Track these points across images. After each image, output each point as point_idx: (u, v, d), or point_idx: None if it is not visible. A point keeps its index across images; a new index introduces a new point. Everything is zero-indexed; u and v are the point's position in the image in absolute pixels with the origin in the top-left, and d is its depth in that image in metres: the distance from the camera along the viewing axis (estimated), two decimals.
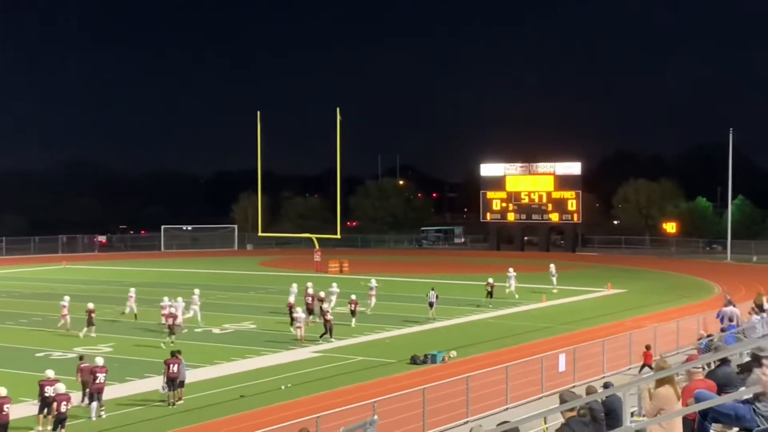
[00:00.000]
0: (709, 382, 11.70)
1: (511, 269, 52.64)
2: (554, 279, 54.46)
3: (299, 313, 37.31)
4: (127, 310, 42.55)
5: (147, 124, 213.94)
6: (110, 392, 26.36)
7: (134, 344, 36.15)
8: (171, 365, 26.19)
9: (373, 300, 45.62)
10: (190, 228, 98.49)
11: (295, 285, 46.00)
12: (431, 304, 43.29)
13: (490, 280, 48.95)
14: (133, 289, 43.92)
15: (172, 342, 35.25)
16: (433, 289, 44.22)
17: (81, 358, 27.39)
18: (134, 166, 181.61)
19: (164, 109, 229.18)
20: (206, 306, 46.39)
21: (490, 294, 48.32)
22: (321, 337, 36.68)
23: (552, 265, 55.73)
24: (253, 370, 31.13)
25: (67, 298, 40.67)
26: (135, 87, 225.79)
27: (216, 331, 39.46)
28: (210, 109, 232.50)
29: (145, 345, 35.91)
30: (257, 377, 29.93)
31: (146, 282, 60.39)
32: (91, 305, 38.59)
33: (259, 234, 77.56)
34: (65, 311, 39.20)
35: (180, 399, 26.35)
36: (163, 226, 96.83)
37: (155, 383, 27.50)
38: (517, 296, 50.55)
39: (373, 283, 46.73)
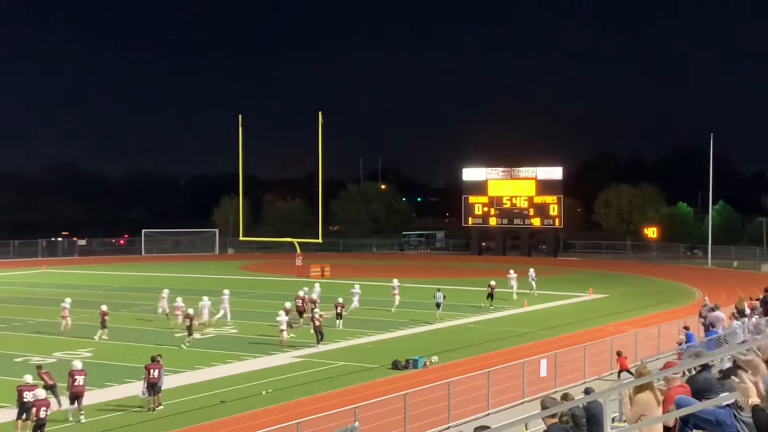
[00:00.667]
0: (687, 387, 11.71)
1: (512, 271, 53.53)
2: (533, 283, 54.63)
3: (282, 316, 37.20)
4: (160, 311, 42.71)
5: (127, 126, 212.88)
6: (90, 397, 26.15)
7: (114, 349, 35.90)
8: (151, 370, 26.07)
9: (397, 298, 47.12)
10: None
11: (317, 285, 48.58)
12: (438, 305, 43.88)
13: (492, 283, 49.40)
14: (166, 290, 44.65)
15: (189, 342, 36.32)
16: (439, 290, 44.80)
17: (39, 366, 26.79)
18: (114, 169, 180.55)
19: (145, 112, 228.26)
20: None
21: (490, 296, 48.62)
22: (319, 342, 36.41)
23: (531, 270, 55.87)
24: (233, 375, 30.98)
25: (68, 300, 40.70)
26: (116, 89, 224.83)
27: (196, 335, 39.21)
28: (191, 111, 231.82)
29: (125, 350, 35.65)
30: (238, 382, 29.79)
31: (128, 286, 60.13)
32: (104, 307, 38.85)
33: (240, 238, 77.29)
34: (66, 313, 39.17)
35: (159, 404, 26.20)
36: (144, 230, 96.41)
37: (135, 388, 27.32)
38: (515, 297, 51.41)
39: (395, 282, 47.87)
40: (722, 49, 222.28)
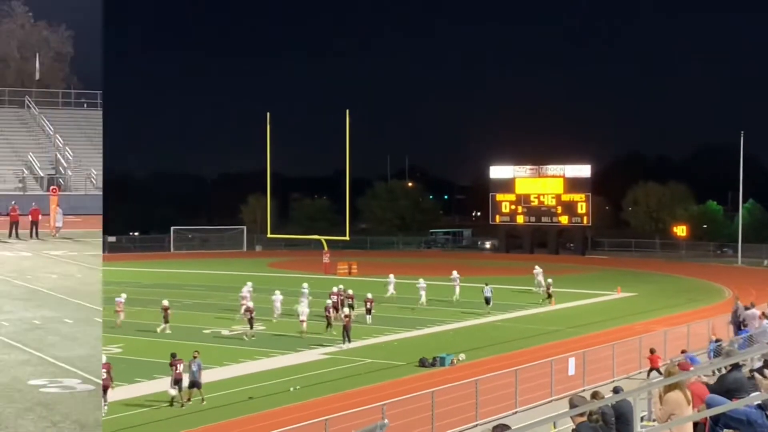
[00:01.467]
0: (704, 385, 11.65)
1: (537, 266, 54.02)
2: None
3: (303, 305, 37.92)
4: (242, 311, 41.43)
5: (154, 124, 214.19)
6: (119, 393, 26.38)
7: (144, 345, 36.12)
8: (178, 365, 26.26)
9: (458, 289, 48.93)
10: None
11: (392, 276, 50.19)
12: (488, 300, 44.47)
13: (549, 281, 49.93)
14: (249, 283, 45.12)
15: (253, 335, 37.18)
16: (487, 284, 44.94)
17: None
18: (141, 166, 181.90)
19: (172, 109, 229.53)
20: (214, 307, 46.61)
21: (549, 296, 48.93)
22: (345, 341, 35.92)
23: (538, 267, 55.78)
24: (262, 372, 31.14)
25: (123, 295, 41.54)
26: (141, 87, 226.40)
27: (225, 332, 39.45)
28: (218, 109, 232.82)
29: (155, 346, 35.81)
30: (266, 379, 29.94)
31: (157, 283, 60.48)
32: (165, 302, 39.54)
33: (268, 235, 77.50)
34: (121, 308, 39.94)
35: (189, 399, 26.35)
36: (172, 227, 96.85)
37: (164, 384, 27.49)
38: (541, 292, 51.38)
39: (455, 274, 49.56)
40: (753, 45, 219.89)
